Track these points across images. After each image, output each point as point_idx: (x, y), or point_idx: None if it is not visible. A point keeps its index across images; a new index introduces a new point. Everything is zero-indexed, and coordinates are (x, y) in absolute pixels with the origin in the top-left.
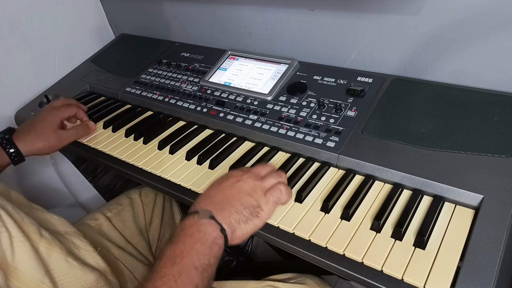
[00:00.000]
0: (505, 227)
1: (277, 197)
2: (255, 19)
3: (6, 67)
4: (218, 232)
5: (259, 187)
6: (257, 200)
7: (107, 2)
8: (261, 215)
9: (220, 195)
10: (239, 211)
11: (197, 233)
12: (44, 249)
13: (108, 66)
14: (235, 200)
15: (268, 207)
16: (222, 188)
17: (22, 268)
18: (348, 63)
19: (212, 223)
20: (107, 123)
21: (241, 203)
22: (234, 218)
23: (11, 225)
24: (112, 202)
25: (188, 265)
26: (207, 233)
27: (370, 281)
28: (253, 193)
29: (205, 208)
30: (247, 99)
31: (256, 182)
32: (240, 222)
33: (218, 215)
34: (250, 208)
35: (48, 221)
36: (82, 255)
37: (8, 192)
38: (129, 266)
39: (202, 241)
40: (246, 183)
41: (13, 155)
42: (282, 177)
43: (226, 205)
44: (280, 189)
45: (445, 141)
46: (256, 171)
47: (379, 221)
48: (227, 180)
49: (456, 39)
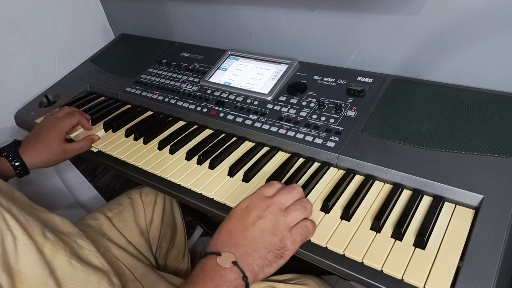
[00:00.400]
0: (505, 227)
1: (304, 236)
2: (255, 19)
3: (6, 67)
4: (240, 280)
5: (283, 224)
6: (282, 241)
7: (107, 2)
8: (286, 254)
9: (243, 235)
10: (263, 256)
11: (218, 278)
12: (48, 251)
13: (108, 66)
14: (258, 242)
15: (295, 245)
16: (244, 226)
17: (26, 271)
18: (348, 63)
19: (235, 270)
20: (107, 123)
21: (265, 247)
22: (257, 264)
23: (16, 228)
24: (113, 202)
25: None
26: (229, 280)
27: (370, 281)
28: (277, 232)
29: (227, 250)
30: (247, 99)
31: (279, 218)
32: (263, 267)
33: (241, 261)
34: (275, 250)
35: (51, 222)
36: (85, 255)
37: (12, 192)
38: (129, 266)
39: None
40: (268, 220)
41: (19, 169)
42: (307, 209)
43: (250, 249)
44: (308, 227)
45: (445, 141)
46: (279, 201)
47: (379, 221)
48: (249, 216)
49: (456, 39)
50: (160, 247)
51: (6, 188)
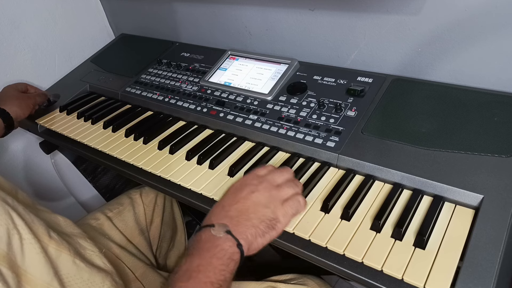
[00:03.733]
0: (505, 227)
1: (295, 209)
2: (255, 19)
3: (6, 67)
4: (235, 247)
5: (276, 197)
6: (274, 212)
7: (107, 2)
8: (278, 227)
9: (235, 208)
10: (255, 225)
11: (213, 248)
12: (53, 251)
13: (108, 66)
14: (251, 213)
15: (286, 219)
16: (237, 199)
17: (32, 270)
18: (348, 63)
19: (229, 238)
20: (107, 123)
21: (257, 217)
22: (250, 233)
23: (21, 227)
24: (113, 202)
25: (205, 280)
26: (224, 249)
27: (370, 281)
28: (269, 204)
29: (221, 221)
30: (247, 99)
31: (272, 192)
32: (256, 236)
33: (235, 230)
34: (267, 221)
35: (55, 222)
36: (88, 255)
37: (16, 192)
38: (130, 266)
39: (219, 256)
40: (261, 194)
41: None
42: (298, 186)
43: (242, 219)
44: (298, 200)
45: (445, 141)
46: (272, 178)
47: (379, 221)
48: (242, 190)
49: (456, 39)
50: (160, 247)
51: (10, 188)
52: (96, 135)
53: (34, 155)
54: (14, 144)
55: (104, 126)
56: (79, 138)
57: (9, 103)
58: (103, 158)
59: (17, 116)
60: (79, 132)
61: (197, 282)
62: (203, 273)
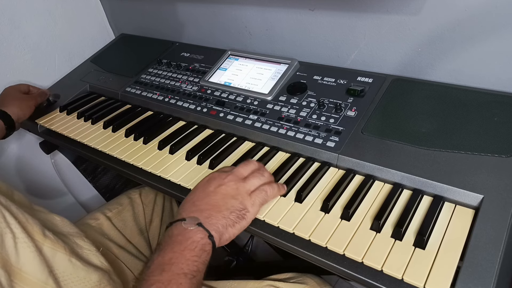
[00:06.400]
0: (505, 227)
1: (262, 199)
2: (255, 19)
3: (6, 67)
4: (206, 238)
5: (243, 189)
6: (243, 203)
7: (107, 2)
8: (247, 216)
9: (205, 201)
10: (226, 216)
11: (185, 241)
12: (48, 250)
13: (108, 66)
14: (221, 205)
15: (255, 208)
16: (206, 193)
17: (27, 269)
18: (348, 63)
19: (200, 230)
20: (107, 123)
21: (227, 208)
22: (221, 224)
23: (15, 226)
24: (113, 202)
25: (178, 272)
26: (196, 240)
27: (370, 281)
28: (237, 195)
29: (191, 215)
30: (247, 99)
31: (239, 184)
32: (227, 226)
33: (206, 222)
34: (236, 211)
35: (51, 222)
36: (85, 255)
37: (11, 192)
38: (129, 266)
39: (190, 248)
40: (229, 186)
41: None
42: (265, 175)
43: (213, 211)
44: (265, 190)
45: (445, 141)
46: (238, 172)
47: (379, 221)
48: (210, 185)
49: (456, 39)
50: None
51: (6, 188)
52: (96, 135)
53: (34, 155)
54: (14, 144)
55: (104, 126)
56: (79, 138)
57: (10, 104)
58: (103, 158)
59: (18, 117)
60: (79, 132)
61: (171, 275)
62: (176, 265)
